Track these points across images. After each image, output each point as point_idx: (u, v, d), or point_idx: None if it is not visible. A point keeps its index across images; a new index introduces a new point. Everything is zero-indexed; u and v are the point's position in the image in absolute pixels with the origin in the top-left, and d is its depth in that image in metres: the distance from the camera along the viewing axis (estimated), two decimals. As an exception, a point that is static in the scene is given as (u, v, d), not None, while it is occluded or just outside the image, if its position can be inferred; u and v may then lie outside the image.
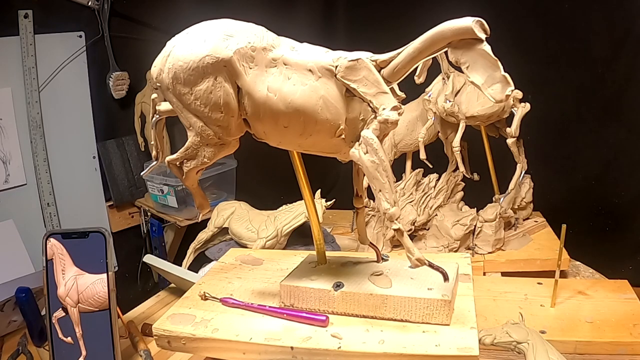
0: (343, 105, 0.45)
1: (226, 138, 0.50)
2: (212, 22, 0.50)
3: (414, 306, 0.46)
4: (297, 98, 0.45)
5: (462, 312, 0.47)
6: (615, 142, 1.40)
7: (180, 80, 0.47)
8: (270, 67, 0.47)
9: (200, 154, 0.51)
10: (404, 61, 0.44)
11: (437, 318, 0.46)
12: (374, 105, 0.43)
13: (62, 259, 0.78)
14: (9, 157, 1.50)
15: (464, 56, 0.42)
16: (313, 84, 0.45)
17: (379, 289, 0.48)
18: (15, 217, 1.49)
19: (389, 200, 0.44)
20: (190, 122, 0.49)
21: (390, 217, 0.45)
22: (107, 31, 1.61)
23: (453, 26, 0.42)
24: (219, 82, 0.46)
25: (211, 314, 0.56)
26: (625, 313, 0.90)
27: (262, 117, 0.48)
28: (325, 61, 0.45)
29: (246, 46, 0.46)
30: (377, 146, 0.44)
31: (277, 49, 0.47)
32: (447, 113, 1.20)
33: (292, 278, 0.55)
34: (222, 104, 0.47)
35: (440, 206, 1.27)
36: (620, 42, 1.33)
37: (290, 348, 0.48)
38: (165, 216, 1.67)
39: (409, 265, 0.50)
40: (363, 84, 0.43)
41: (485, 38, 0.42)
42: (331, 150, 0.48)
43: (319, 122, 0.45)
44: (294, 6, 1.68)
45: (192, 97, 0.47)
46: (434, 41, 0.42)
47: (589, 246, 1.26)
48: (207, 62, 0.46)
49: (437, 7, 1.13)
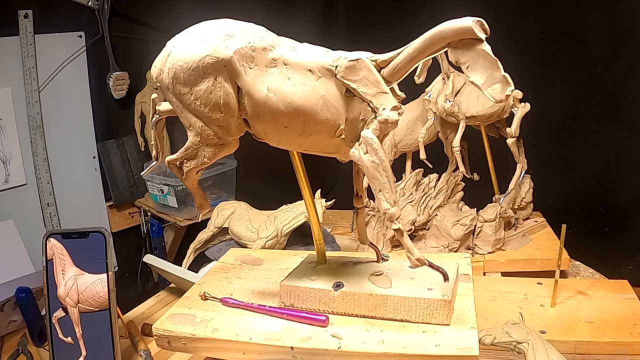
0: (343, 105, 0.45)
1: (226, 138, 0.50)
2: (212, 22, 0.50)
3: (414, 306, 0.46)
4: (297, 98, 0.45)
5: (462, 312, 0.47)
6: (615, 142, 1.40)
7: (180, 80, 0.47)
8: (270, 67, 0.46)
9: (200, 154, 0.50)
10: (404, 61, 0.43)
11: (437, 318, 0.46)
12: (374, 105, 0.43)
13: (62, 259, 0.78)
14: (9, 157, 1.50)
15: (464, 56, 0.42)
16: (313, 84, 0.44)
17: (379, 289, 0.48)
18: (15, 217, 1.49)
19: (389, 200, 0.44)
20: (190, 122, 0.49)
21: (391, 217, 0.45)
22: (107, 31, 1.61)
23: (453, 26, 0.42)
24: (219, 82, 0.46)
25: (211, 314, 0.56)
26: (625, 313, 0.90)
27: (262, 117, 0.48)
28: (325, 61, 0.44)
29: (246, 46, 0.46)
30: (377, 146, 0.44)
31: (277, 49, 0.47)
32: (447, 113, 1.20)
33: (292, 278, 0.55)
34: (222, 104, 0.47)
35: (440, 206, 1.27)
36: (620, 42, 1.33)
37: (290, 348, 0.48)
38: (165, 216, 1.67)
39: (409, 265, 0.50)
40: (363, 84, 0.43)
41: (485, 38, 0.42)
42: (331, 150, 0.48)
43: (319, 122, 0.45)
44: (294, 6, 1.68)
45: (192, 97, 0.47)
46: (433, 41, 0.42)
47: (589, 246, 1.26)
48: (207, 62, 0.46)
49: (437, 7, 1.14)
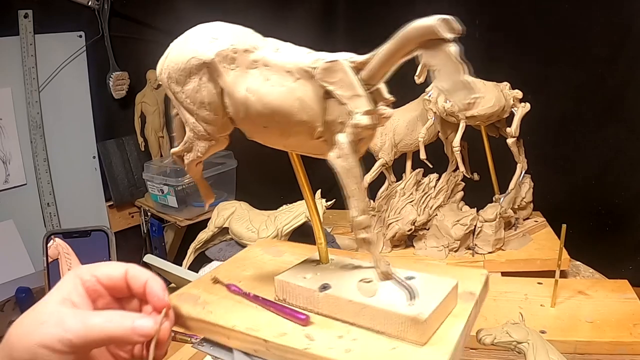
0: (321, 108, 0.44)
1: (214, 135, 0.52)
2: (205, 25, 0.52)
3: (389, 319, 0.45)
4: (274, 99, 0.45)
5: (445, 335, 0.45)
6: (615, 142, 1.40)
7: (174, 79, 0.50)
8: (251, 69, 0.47)
9: (195, 148, 0.54)
10: (378, 64, 0.41)
11: (412, 336, 0.44)
12: (349, 108, 0.42)
13: (69, 258, 0.78)
14: (9, 157, 1.50)
15: (433, 59, 0.39)
16: (291, 85, 0.44)
17: (359, 297, 0.47)
18: (15, 217, 1.49)
19: (357, 207, 0.43)
20: (185, 118, 0.53)
21: (358, 225, 0.44)
22: (107, 31, 1.61)
23: (417, 25, 0.39)
24: (203, 82, 0.49)
25: (214, 297, 0.57)
26: (625, 313, 0.90)
27: (242, 117, 0.49)
28: (304, 63, 0.44)
29: (228, 48, 0.48)
30: (347, 151, 0.42)
31: (260, 50, 0.48)
32: (447, 113, 1.20)
33: (288, 274, 0.55)
34: (207, 103, 0.50)
35: (440, 206, 1.27)
36: (620, 42, 1.33)
37: (264, 341, 0.48)
38: (165, 216, 1.67)
39: (406, 276, 0.49)
40: (339, 87, 0.42)
41: (452, 38, 0.38)
42: (316, 151, 0.48)
43: (296, 123, 0.45)
44: (294, 6, 1.68)
45: (183, 96, 0.50)
46: (402, 42, 0.39)
47: (589, 246, 1.26)
48: (193, 63, 0.49)
49: (438, 8, 1.14)
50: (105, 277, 0.47)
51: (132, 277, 0.47)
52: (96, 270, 0.47)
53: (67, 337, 0.41)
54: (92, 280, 0.46)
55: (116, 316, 0.43)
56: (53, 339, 0.41)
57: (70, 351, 0.41)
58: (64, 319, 0.42)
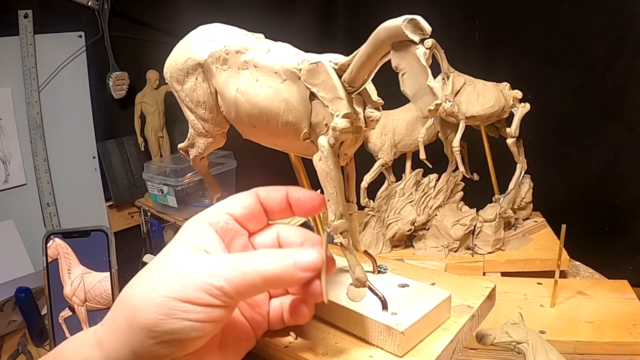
0: (307, 109, 0.43)
1: (211, 132, 0.54)
2: (205, 26, 0.53)
3: (368, 327, 0.44)
4: (261, 100, 0.45)
5: (427, 347, 0.44)
6: (615, 142, 1.40)
7: (175, 79, 0.53)
8: (242, 70, 0.48)
9: (196, 144, 0.56)
10: (357, 66, 0.40)
11: (390, 346, 0.43)
12: (330, 110, 0.42)
13: (68, 258, 0.78)
14: (9, 157, 1.50)
15: (402, 61, 0.37)
16: (278, 86, 0.44)
17: (346, 300, 0.47)
18: (15, 217, 1.49)
19: (334, 212, 0.43)
20: (187, 115, 0.55)
21: (334, 229, 0.43)
22: (107, 31, 1.61)
23: (385, 26, 0.37)
24: (199, 81, 0.51)
25: None
26: (625, 313, 0.90)
27: (233, 116, 0.50)
28: (291, 64, 0.44)
29: (220, 49, 0.49)
30: (327, 154, 0.42)
31: (251, 51, 0.48)
32: (447, 113, 1.20)
33: None
34: (202, 102, 0.52)
35: (440, 206, 1.27)
36: (620, 42, 1.33)
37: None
38: (165, 216, 1.67)
39: (399, 283, 0.49)
40: (322, 88, 0.42)
41: (422, 40, 0.35)
42: (304, 152, 0.48)
43: (283, 124, 0.45)
44: (294, 6, 1.68)
45: (183, 94, 0.53)
46: (374, 44, 0.38)
47: (589, 246, 1.26)
48: (189, 64, 0.51)
49: (438, 8, 1.14)
50: (239, 210, 0.41)
51: (264, 197, 0.42)
52: (226, 207, 0.41)
53: (217, 284, 0.34)
54: (224, 219, 0.40)
55: (272, 254, 0.37)
56: (198, 289, 0.33)
57: (220, 304, 0.34)
58: (209, 265, 0.35)
